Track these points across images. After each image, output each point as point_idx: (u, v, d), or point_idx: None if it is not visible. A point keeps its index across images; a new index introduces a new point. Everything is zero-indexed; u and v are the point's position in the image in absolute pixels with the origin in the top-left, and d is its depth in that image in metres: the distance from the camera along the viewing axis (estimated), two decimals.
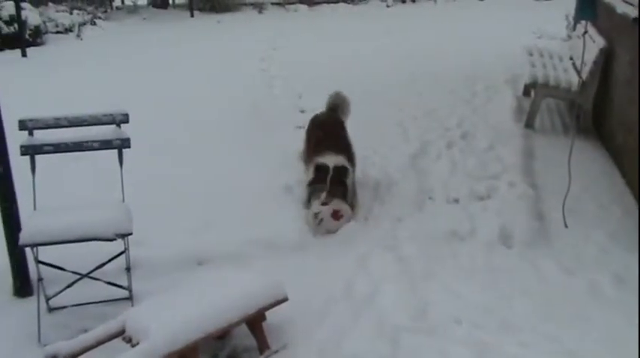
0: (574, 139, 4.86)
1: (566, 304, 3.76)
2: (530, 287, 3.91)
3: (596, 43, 6.14)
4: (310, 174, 4.73)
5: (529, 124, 6.35)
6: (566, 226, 4.55)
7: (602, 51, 6.02)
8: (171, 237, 4.30)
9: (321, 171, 4.63)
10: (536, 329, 3.51)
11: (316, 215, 4.50)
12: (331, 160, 4.66)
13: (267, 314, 3.36)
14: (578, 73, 6.07)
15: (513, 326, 3.52)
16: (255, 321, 3.27)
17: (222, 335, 3.31)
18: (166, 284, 3.66)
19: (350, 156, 4.92)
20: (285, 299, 3.38)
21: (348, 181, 4.69)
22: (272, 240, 4.32)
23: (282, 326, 3.47)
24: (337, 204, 4.54)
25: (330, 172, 4.58)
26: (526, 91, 7.14)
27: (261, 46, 10.00)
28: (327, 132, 5.06)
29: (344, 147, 4.94)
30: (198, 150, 5.81)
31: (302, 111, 6.81)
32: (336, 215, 4.53)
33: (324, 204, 4.49)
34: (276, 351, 3.32)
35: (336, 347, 3.33)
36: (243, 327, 3.31)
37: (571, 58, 7.08)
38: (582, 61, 5.66)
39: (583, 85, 5.99)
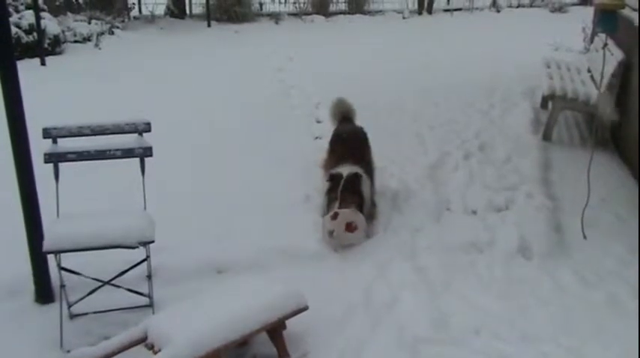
0: (593, 152, 4.85)
1: (586, 316, 3.75)
2: (549, 299, 3.91)
3: (614, 55, 6.13)
4: (326, 184, 4.75)
5: (547, 136, 6.33)
6: (584, 238, 4.54)
7: (620, 63, 6.02)
8: (192, 245, 4.33)
9: (334, 180, 4.64)
10: (557, 340, 3.50)
11: (330, 233, 4.40)
12: (345, 170, 4.66)
13: (288, 322, 3.37)
14: (597, 85, 6.06)
15: (533, 338, 3.52)
16: (275, 330, 3.29)
17: (242, 343, 3.32)
18: (186, 292, 3.69)
19: (367, 167, 4.92)
20: (305, 308, 3.39)
21: (364, 190, 4.65)
22: (292, 249, 4.33)
23: (302, 335, 3.48)
24: (350, 215, 4.41)
25: (342, 181, 4.56)
26: (544, 103, 7.13)
27: (278, 57, 10.06)
28: (348, 144, 5.08)
29: (361, 157, 4.94)
30: (217, 159, 5.85)
31: (319, 122, 6.85)
32: (349, 227, 4.43)
33: (333, 217, 4.38)
34: None
35: (355, 356, 3.34)
36: (264, 335, 3.32)
37: (589, 71, 7.07)
38: (602, 74, 5.66)
39: (601, 97, 5.97)
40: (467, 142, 6.25)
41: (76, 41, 11.31)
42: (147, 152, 3.87)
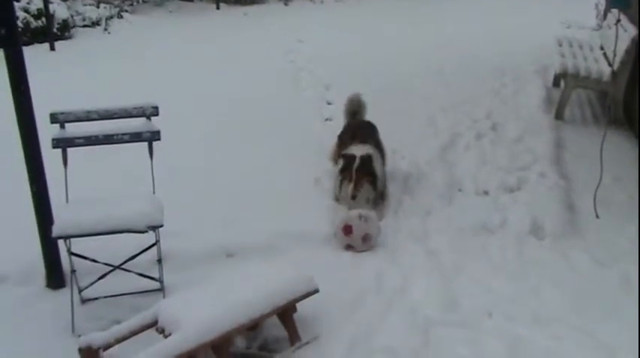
0: (606, 130, 4.78)
1: (599, 297, 3.72)
2: (561, 280, 3.87)
3: (627, 32, 6.02)
4: (339, 164, 4.79)
5: (559, 115, 6.26)
6: (597, 217, 4.49)
7: (634, 40, 5.91)
8: (202, 229, 4.32)
9: (347, 160, 4.65)
10: (569, 321, 3.47)
11: (348, 247, 4.22)
12: (357, 150, 4.69)
13: (299, 306, 3.36)
14: (609, 62, 5.97)
15: (545, 319, 3.49)
16: (286, 313, 3.28)
17: (253, 327, 3.31)
18: (197, 276, 3.70)
19: (377, 148, 4.93)
20: (315, 291, 3.38)
21: (377, 169, 4.66)
22: (302, 233, 4.30)
23: (313, 318, 3.47)
24: (364, 227, 4.20)
25: (357, 161, 4.59)
26: (556, 82, 7.05)
27: (287, 39, 9.98)
28: (356, 131, 5.10)
29: (370, 139, 4.96)
30: (227, 142, 5.83)
31: (329, 104, 6.81)
32: (365, 240, 4.22)
33: (346, 231, 4.19)
34: (307, 343, 3.32)
35: (367, 340, 3.33)
36: (274, 319, 3.32)
37: (601, 48, 6.96)
38: (614, 51, 5.56)
39: (614, 75, 5.89)
40: (478, 122, 6.18)
41: (85, 25, 11.30)
42: (155, 136, 3.85)
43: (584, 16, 10.16)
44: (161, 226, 3.55)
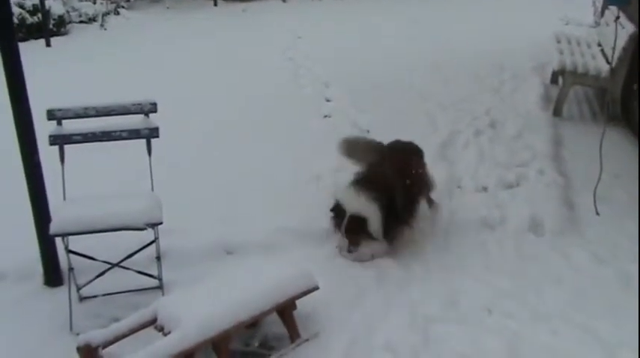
0: (605, 127, 4.78)
1: (598, 293, 3.72)
2: (561, 277, 3.88)
3: (625, 29, 6.02)
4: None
5: (557, 112, 6.26)
6: (597, 214, 4.49)
7: (631, 37, 5.91)
8: (201, 227, 4.30)
9: (337, 213, 4.08)
10: (568, 318, 3.48)
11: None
12: (352, 202, 3.98)
13: (299, 303, 3.35)
14: (607, 59, 5.97)
15: (545, 316, 3.50)
16: (285, 310, 3.27)
17: (253, 324, 3.31)
18: (196, 273, 3.69)
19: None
20: (315, 288, 3.37)
21: (374, 226, 3.96)
22: (302, 229, 4.29)
23: (314, 315, 3.46)
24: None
25: (346, 220, 3.98)
26: (554, 79, 7.04)
27: (286, 35, 9.95)
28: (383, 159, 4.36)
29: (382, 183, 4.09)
30: (226, 139, 5.81)
31: (328, 101, 6.79)
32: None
33: (349, 251, 4.00)
34: (307, 340, 3.31)
35: (367, 336, 3.33)
36: (274, 316, 3.31)
37: (599, 45, 6.96)
38: (613, 48, 5.56)
39: (612, 71, 5.89)
40: (477, 119, 6.17)
41: (81, 21, 11.24)
42: (153, 133, 3.83)
43: (581, 13, 10.16)
44: (160, 223, 3.53)
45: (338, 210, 4.08)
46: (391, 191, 4.04)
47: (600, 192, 4.57)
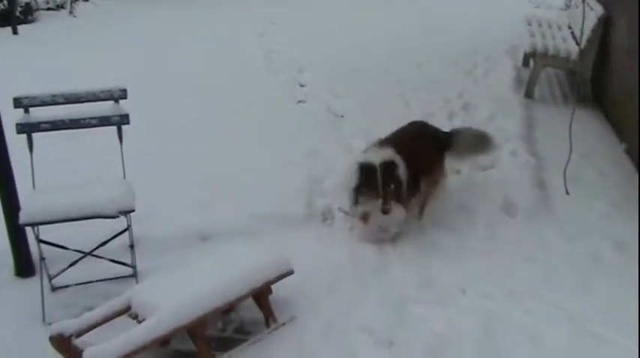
0: (575, 108, 4.85)
1: (570, 271, 3.79)
2: (533, 256, 3.94)
3: (594, 11, 6.09)
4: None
5: (529, 94, 6.32)
6: (567, 193, 4.55)
7: (600, 19, 5.98)
8: (175, 214, 4.26)
9: (367, 170, 3.89)
10: (541, 296, 3.54)
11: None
12: (376, 156, 3.92)
13: (275, 287, 3.36)
14: (577, 41, 6.03)
15: (518, 294, 3.55)
16: (261, 294, 3.27)
17: (229, 309, 3.31)
18: (171, 260, 3.65)
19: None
20: (290, 272, 3.37)
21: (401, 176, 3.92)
22: (277, 214, 4.29)
23: (290, 299, 3.47)
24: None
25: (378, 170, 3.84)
26: (525, 61, 7.09)
27: (259, 21, 9.84)
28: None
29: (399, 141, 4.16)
30: (199, 126, 5.73)
31: (302, 86, 6.75)
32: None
33: (385, 211, 3.83)
34: (284, 324, 3.32)
35: (343, 318, 3.35)
36: (250, 301, 3.31)
37: (569, 27, 7.02)
38: (581, 30, 5.63)
39: (582, 53, 5.95)
40: (450, 102, 6.20)
41: (49, 9, 10.98)
42: (124, 120, 3.77)
43: None
44: (132, 211, 3.50)
45: (367, 168, 3.87)
46: (411, 154, 4.04)
47: (570, 171, 4.63)
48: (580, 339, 3.20)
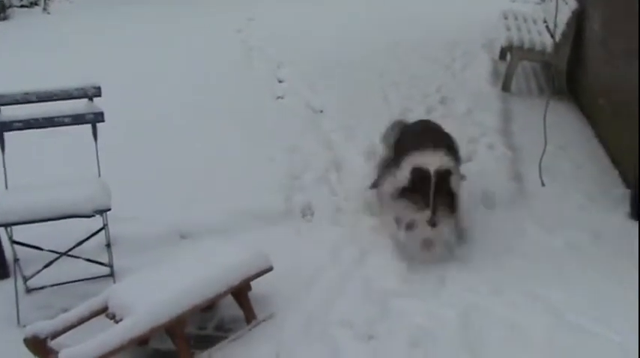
0: (549, 100, 4.90)
1: (549, 262, 3.82)
2: (512, 247, 3.96)
3: (568, 4, 6.15)
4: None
5: (506, 87, 6.36)
6: (543, 185, 4.60)
7: (574, 12, 6.04)
8: (153, 212, 4.21)
9: (420, 177, 3.58)
10: (520, 287, 3.56)
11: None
12: (430, 161, 3.60)
13: (255, 285, 3.34)
14: (552, 35, 6.09)
15: (498, 286, 3.57)
16: (240, 292, 3.25)
17: (208, 307, 3.28)
18: (149, 259, 3.61)
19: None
20: (270, 269, 3.35)
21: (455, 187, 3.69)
22: (257, 211, 4.26)
23: (270, 296, 3.46)
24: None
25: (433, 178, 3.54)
26: (502, 55, 7.13)
27: (237, 17, 9.77)
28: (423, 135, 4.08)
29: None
30: (177, 123, 5.67)
31: (280, 81, 6.72)
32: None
33: (433, 224, 3.53)
34: (264, 320, 3.31)
35: (324, 314, 3.34)
36: (230, 298, 3.29)
37: (545, 21, 7.08)
38: (555, 23, 5.69)
39: (557, 46, 6.01)
40: (429, 97, 6.22)
41: (22, 6, 10.81)
42: (98, 117, 3.72)
43: None
44: (108, 210, 3.45)
45: (419, 174, 3.55)
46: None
47: (546, 163, 4.68)
48: (559, 330, 3.22)
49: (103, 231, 3.58)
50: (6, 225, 3.35)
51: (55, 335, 2.91)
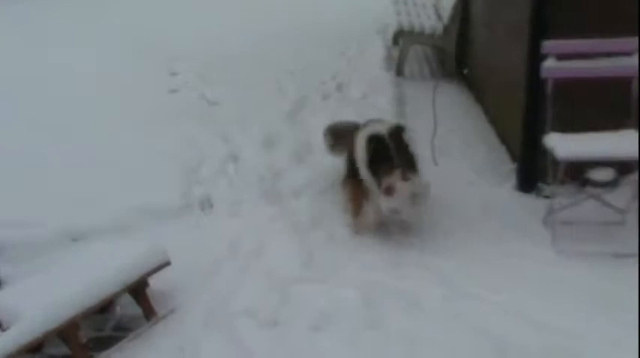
0: (437, 83, 5.08)
1: (443, 236, 3.95)
2: (407, 224, 4.06)
3: None
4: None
5: (399, 72, 6.54)
6: (436, 164, 4.77)
7: None
8: (42, 215, 4.03)
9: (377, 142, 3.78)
10: (416, 262, 3.68)
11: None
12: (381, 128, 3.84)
13: (153, 281, 3.28)
14: (440, 18, 6.31)
15: (395, 262, 3.68)
16: (137, 289, 3.18)
17: (104, 308, 3.18)
18: (39, 265, 3.49)
19: None
20: (167, 263, 3.30)
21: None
22: (154, 207, 4.19)
23: (169, 292, 3.41)
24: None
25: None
26: (395, 40, 7.32)
27: (127, 13, 9.41)
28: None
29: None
30: (66, 117, 5.43)
31: (173, 74, 6.58)
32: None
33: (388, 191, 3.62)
34: (164, 317, 3.25)
35: (225, 305, 3.33)
36: (127, 297, 3.21)
37: (434, 5, 7.32)
38: (441, 6, 5.90)
39: (445, 29, 6.23)
40: (325, 84, 6.29)
41: None
42: None
43: None
44: None
45: (376, 139, 3.78)
46: None
47: (438, 143, 4.86)
48: (453, 298, 3.36)
49: None
50: None
51: None
